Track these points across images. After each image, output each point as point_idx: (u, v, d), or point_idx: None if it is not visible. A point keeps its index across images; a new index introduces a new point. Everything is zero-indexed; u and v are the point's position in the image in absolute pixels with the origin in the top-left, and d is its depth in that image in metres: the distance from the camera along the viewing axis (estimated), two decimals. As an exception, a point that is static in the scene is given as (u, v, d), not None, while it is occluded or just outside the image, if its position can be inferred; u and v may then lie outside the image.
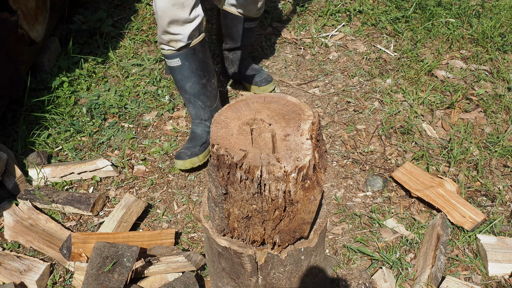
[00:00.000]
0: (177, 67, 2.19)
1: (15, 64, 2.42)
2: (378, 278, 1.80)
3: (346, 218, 2.09)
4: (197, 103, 2.29)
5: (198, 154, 2.26)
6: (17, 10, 2.44)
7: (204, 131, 2.33)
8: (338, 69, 2.97)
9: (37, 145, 2.41)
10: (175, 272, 1.76)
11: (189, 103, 2.31)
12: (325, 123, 2.58)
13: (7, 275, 1.79)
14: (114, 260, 1.67)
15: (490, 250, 1.85)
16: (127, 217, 2.01)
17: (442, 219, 1.97)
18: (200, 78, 2.23)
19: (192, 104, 2.30)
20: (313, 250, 1.48)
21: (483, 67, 2.89)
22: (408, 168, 2.22)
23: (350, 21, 3.37)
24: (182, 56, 2.15)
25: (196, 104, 2.30)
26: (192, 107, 2.32)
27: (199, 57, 2.19)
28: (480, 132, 2.48)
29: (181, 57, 2.16)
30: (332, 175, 2.29)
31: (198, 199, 2.20)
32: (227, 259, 1.47)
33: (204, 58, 2.21)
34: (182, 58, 2.16)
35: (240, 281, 1.51)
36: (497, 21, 3.18)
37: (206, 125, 2.34)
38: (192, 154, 2.25)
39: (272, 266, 1.44)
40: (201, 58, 2.20)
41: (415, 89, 2.74)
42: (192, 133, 2.35)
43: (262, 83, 2.71)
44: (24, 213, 2.02)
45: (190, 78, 2.21)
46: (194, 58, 2.18)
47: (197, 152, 2.26)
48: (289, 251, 1.41)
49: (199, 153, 2.27)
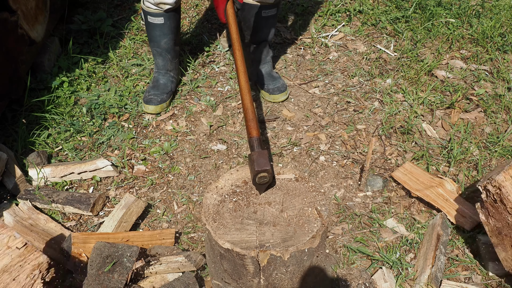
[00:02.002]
0: (159, 24, 2.44)
1: (15, 64, 2.42)
2: (378, 278, 1.80)
3: (346, 218, 2.09)
4: (167, 56, 2.59)
5: (166, 101, 2.62)
6: (17, 10, 2.43)
7: (169, 80, 2.66)
8: (338, 69, 2.97)
9: (37, 145, 2.41)
10: (175, 272, 1.76)
11: (159, 55, 2.59)
12: (325, 123, 2.58)
13: (7, 275, 1.79)
14: (114, 260, 1.67)
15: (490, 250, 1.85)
16: (127, 217, 2.01)
17: (442, 219, 1.97)
18: (175, 35, 2.54)
19: (162, 56, 2.60)
20: (315, 250, 1.48)
21: (483, 67, 2.89)
22: (408, 168, 2.22)
23: (350, 21, 3.37)
24: (166, 16, 2.41)
25: (166, 57, 2.60)
26: (161, 59, 2.61)
27: (177, 17, 2.47)
28: (480, 132, 2.48)
29: (165, 17, 2.42)
30: (332, 175, 2.29)
31: (198, 199, 2.20)
32: (229, 260, 1.47)
33: (179, 19, 2.50)
34: (166, 18, 2.42)
35: (242, 282, 1.51)
36: (497, 21, 3.18)
37: (170, 75, 2.67)
38: (162, 100, 2.59)
39: (274, 267, 1.44)
40: (179, 18, 2.50)
41: (415, 89, 2.74)
42: (156, 81, 2.65)
43: (274, 91, 2.68)
44: (24, 213, 2.02)
45: (168, 35, 2.50)
46: (175, 18, 2.46)
47: (165, 98, 2.61)
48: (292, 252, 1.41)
49: (166, 100, 2.62)
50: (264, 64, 2.73)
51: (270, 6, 2.46)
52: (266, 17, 2.50)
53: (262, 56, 2.71)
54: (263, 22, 2.51)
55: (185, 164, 2.37)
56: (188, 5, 3.62)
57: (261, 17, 2.48)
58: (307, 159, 2.37)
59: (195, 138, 2.51)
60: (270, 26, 2.57)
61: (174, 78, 2.70)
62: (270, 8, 2.47)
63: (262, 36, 2.60)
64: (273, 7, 2.48)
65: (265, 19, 2.51)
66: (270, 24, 2.56)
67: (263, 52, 2.69)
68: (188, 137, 2.51)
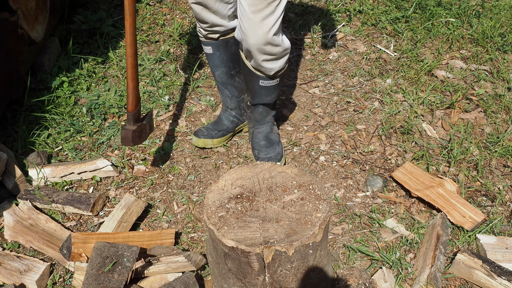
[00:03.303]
0: (209, 54, 2.24)
1: (15, 64, 2.42)
2: (378, 278, 1.80)
3: (346, 218, 2.09)
4: (224, 91, 2.36)
5: (213, 138, 2.38)
6: (17, 10, 2.44)
7: (228, 119, 2.42)
8: (338, 69, 2.97)
9: (37, 145, 2.41)
10: (175, 272, 1.76)
11: (219, 89, 2.39)
12: (325, 123, 2.58)
13: (7, 275, 1.79)
14: (114, 260, 1.67)
15: (490, 250, 1.85)
16: (127, 217, 2.01)
17: (442, 219, 1.97)
18: (229, 69, 2.28)
19: (220, 91, 2.39)
20: (318, 245, 1.49)
21: (483, 67, 2.89)
22: (408, 168, 2.22)
23: (350, 21, 3.37)
24: (214, 45, 2.20)
25: (223, 92, 2.37)
26: (220, 94, 2.40)
27: (231, 49, 2.21)
28: (480, 132, 2.48)
29: (213, 46, 2.20)
30: (332, 175, 2.29)
31: (198, 199, 2.20)
32: (233, 259, 1.47)
33: (237, 51, 2.19)
34: (214, 47, 2.21)
35: (247, 280, 1.52)
36: (497, 21, 3.18)
37: (231, 113, 2.42)
38: (208, 135, 2.37)
39: (279, 263, 1.45)
40: (234, 50, 2.22)
41: (415, 89, 2.74)
42: (218, 117, 2.45)
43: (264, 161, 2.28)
44: (24, 213, 2.02)
45: (219, 68, 2.27)
46: (225, 50, 2.21)
47: (213, 135, 2.38)
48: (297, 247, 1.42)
49: (215, 137, 2.38)
50: (262, 125, 2.35)
51: (270, 77, 2.13)
52: (265, 87, 2.18)
53: (259, 116, 2.33)
54: (262, 90, 2.20)
55: (185, 164, 2.37)
56: (188, 5, 3.61)
57: (259, 86, 2.17)
58: (307, 159, 2.37)
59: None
60: (270, 93, 2.22)
61: (236, 118, 2.43)
62: (269, 79, 2.14)
63: (260, 101, 2.26)
64: (273, 78, 2.15)
65: (265, 89, 2.18)
66: (270, 92, 2.22)
67: (262, 112, 2.32)
68: (188, 137, 2.51)
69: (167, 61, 3.03)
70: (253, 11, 1.84)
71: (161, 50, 3.10)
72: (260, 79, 2.14)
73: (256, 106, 2.29)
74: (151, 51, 3.12)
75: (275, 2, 1.84)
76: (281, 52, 2.01)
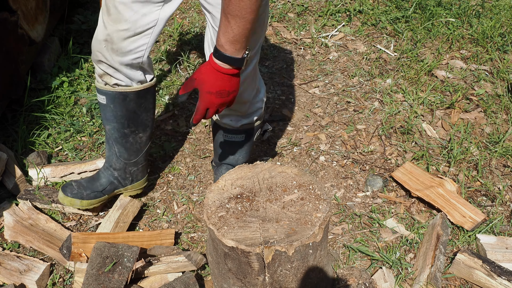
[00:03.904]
0: (102, 104, 1.85)
1: (15, 64, 2.42)
2: (378, 278, 1.80)
3: (346, 218, 2.09)
4: (112, 148, 1.96)
5: (83, 198, 1.97)
6: (17, 10, 2.43)
7: (107, 179, 2.01)
8: (338, 69, 2.97)
9: (37, 145, 2.41)
10: (175, 272, 1.76)
11: (107, 143, 1.98)
12: (325, 123, 2.58)
13: (7, 275, 1.79)
14: (114, 260, 1.67)
15: (490, 250, 1.85)
16: (124, 217, 2.01)
17: (442, 219, 1.97)
18: (122, 126, 1.88)
19: (108, 146, 1.98)
20: (318, 245, 1.49)
21: (483, 67, 2.89)
22: (408, 168, 2.22)
23: (350, 21, 3.37)
24: (109, 96, 1.81)
25: (111, 148, 1.97)
26: (107, 149, 1.99)
27: (129, 105, 1.83)
28: (480, 132, 2.48)
29: (108, 97, 1.81)
30: (332, 175, 2.29)
31: (198, 199, 2.20)
32: (233, 259, 1.47)
33: (136, 109, 1.85)
34: (109, 99, 1.81)
35: (247, 280, 1.52)
36: (497, 21, 3.18)
37: (113, 174, 2.01)
38: (78, 194, 1.97)
39: (279, 263, 1.45)
40: (131, 107, 1.84)
41: (415, 89, 2.74)
42: (96, 174, 2.04)
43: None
44: (24, 213, 2.02)
45: (112, 122, 1.88)
46: (122, 105, 1.83)
47: (84, 196, 1.97)
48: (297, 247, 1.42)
49: (86, 198, 1.97)
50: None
51: (234, 131, 1.90)
52: (229, 141, 1.95)
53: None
54: (226, 146, 1.96)
55: (185, 164, 2.37)
56: (188, 5, 3.62)
57: (223, 140, 1.95)
58: (307, 159, 2.37)
59: (195, 138, 2.51)
60: (235, 152, 1.98)
61: (117, 180, 2.03)
62: (234, 133, 1.91)
63: (223, 159, 2.03)
64: (238, 133, 1.91)
65: (228, 144, 1.96)
66: (235, 150, 1.97)
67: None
68: (188, 137, 2.51)
69: (167, 61, 3.03)
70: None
71: (161, 50, 3.10)
72: (223, 132, 1.90)
73: (220, 166, 2.03)
74: (151, 51, 3.12)
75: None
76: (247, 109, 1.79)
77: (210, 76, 1.38)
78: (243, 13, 1.27)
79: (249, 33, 1.33)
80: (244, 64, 1.38)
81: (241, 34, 1.31)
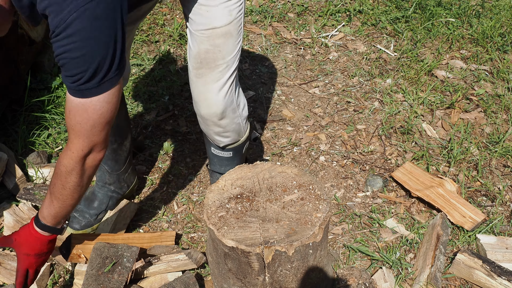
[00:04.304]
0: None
1: (15, 64, 2.42)
2: (378, 278, 1.80)
3: (346, 218, 2.09)
4: (103, 167, 2.00)
5: (93, 225, 2.03)
6: (17, 10, 2.43)
7: (106, 195, 2.05)
8: (338, 69, 2.97)
9: (37, 145, 2.41)
10: (175, 271, 1.76)
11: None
12: (325, 123, 2.58)
13: (7, 275, 1.79)
14: (114, 261, 1.67)
15: (490, 250, 1.85)
16: (121, 219, 2.01)
17: (442, 219, 1.97)
18: (110, 144, 1.91)
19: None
20: (318, 245, 1.49)
21: (483, 67, 2.89)
22: (408, 168, 2.22)
23: (350, 21, 3.37)
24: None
25: (101, 168, 2.00)
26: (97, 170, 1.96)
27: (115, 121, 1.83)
28: (480, 132, 2.48)
29: None
30: (332, 175, 2.29)
31: (198, 199, 2.20)
32: (233, 259, 1.47)
33: (119, 122, 1.90)
34: None
35: (247, 280, 1.52)
36: (497, 21, 3.18)
37: (109, 189, 2.05)
38: (87, 224, 2.02)
39: (279, 263, 1.45)
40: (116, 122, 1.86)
41: (415, 89, 2.74)
42: (92, 194, 2.05)
43: None
44: (24, 213, 2.02)
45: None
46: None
47: (92, 222, 2.03)
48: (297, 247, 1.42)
49: (95, 223, 2.04)
50: None
51: (221, 148, 1.94)
52: (218, 156, 1.98)
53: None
54: (215, 158, 2.00)
55: (185, 164, 2.37)
56: (188, 5, 3.62)
57: (212, 153, 1.99)
58: (307, 159, 2.37)
59: (195, 138, 2.51)
60: (223, 164, 2.01)
61: (115, 193, 2.07)
62: (221, 150, 1.95)
63: (214, 168, 2.06)
64: (225, 150, 1.95)
65: (217, 157, 1.99)
66: (223, 163, 2.00)
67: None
68: (188, 137, 2.51)
69: (167, 61, 3.03)
70: (195, 75, 1.69)
71: (161, 50, 3.10)
72: (211, 146, 1.95)
73: (213, 173, 2.08)
74: (151, 51, 3.12)
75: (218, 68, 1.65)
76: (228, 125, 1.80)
77: (29, 241, 1.52)
78: (64, 199, 1.43)
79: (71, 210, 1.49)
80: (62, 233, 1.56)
81: (62, 213, 1.47)
